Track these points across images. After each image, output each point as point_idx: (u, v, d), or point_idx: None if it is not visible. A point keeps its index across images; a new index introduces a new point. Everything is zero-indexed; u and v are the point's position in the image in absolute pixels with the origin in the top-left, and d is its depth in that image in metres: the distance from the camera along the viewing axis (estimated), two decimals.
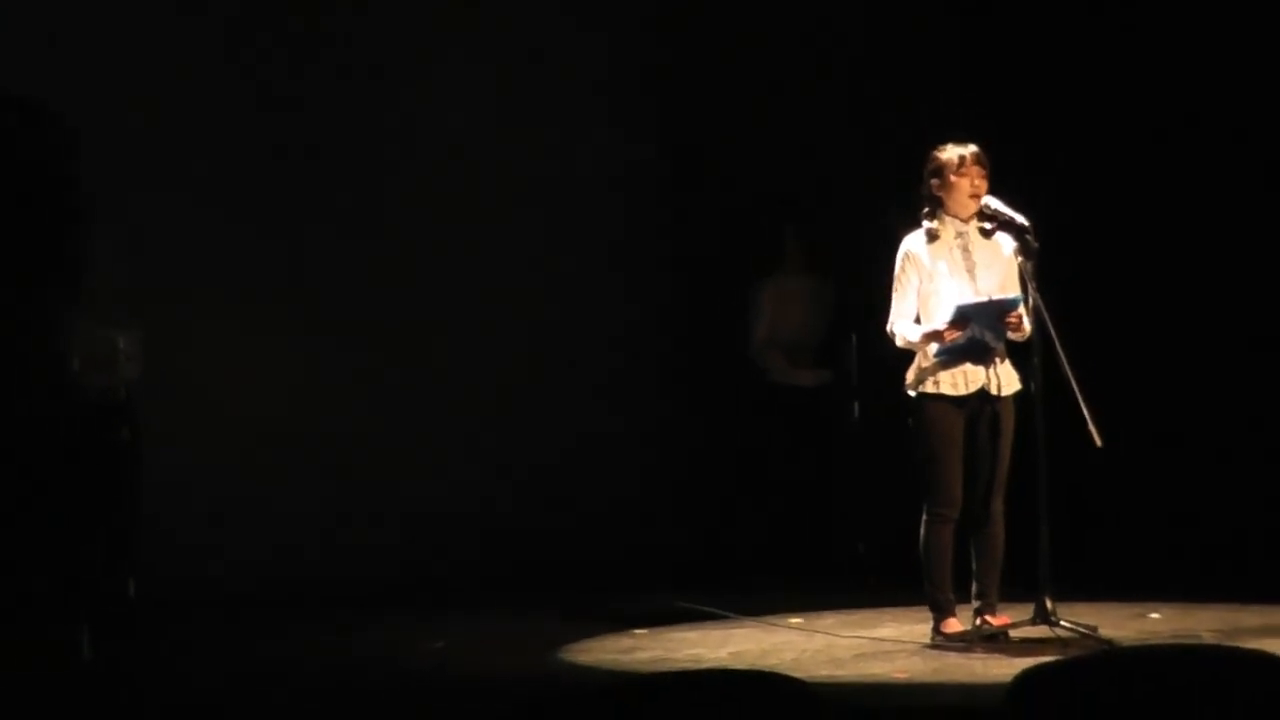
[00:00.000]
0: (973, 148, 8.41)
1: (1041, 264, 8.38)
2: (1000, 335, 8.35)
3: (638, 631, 9.18)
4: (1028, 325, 8.32)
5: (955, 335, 8.29)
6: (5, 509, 7.02)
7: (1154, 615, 9.10)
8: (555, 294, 11.46)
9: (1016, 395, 8.41)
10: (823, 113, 11.38)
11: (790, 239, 11.31)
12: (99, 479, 7.35)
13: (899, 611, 9.04)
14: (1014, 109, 10.80)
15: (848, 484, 10.90)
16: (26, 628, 7.05)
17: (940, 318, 8.33)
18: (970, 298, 8.33)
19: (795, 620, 9.32)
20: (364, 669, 8.61)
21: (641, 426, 11.51)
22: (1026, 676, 3.86)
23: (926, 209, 8.46)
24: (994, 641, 8.29)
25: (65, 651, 7.09)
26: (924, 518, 8.42)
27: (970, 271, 8.41)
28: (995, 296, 8.34)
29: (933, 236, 8.43)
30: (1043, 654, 7.77)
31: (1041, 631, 8.26)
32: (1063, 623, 8.27)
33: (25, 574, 7.04)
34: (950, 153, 8.42)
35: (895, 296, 8.45)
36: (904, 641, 8.55)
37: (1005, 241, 8.44)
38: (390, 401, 11.15)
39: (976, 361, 8.35)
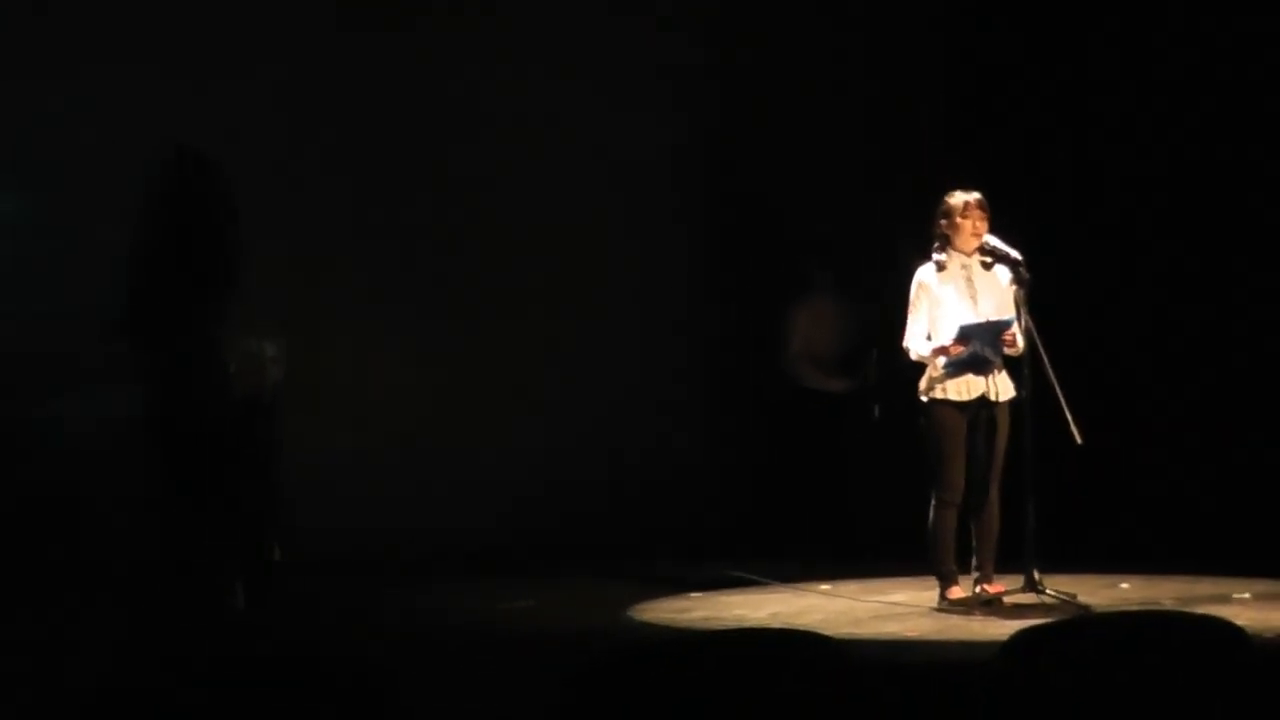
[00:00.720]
0: (976, 195, 8.44)
1: (1032, 292, 8.39)
2: (997, 351, 8.35)
3: (693, 595, 9.19)
4: (1020, 342, 8.32)
5: (959, 350, 8.31)
6: (181, 488, 7.09)
7: (1124, 585, 9.06)
8: (628, 313, 11.47)
9: (1011, 401, 8.40)
10: (850, 167, 11.37)
11: (821, 270, 11.29)
12: (249, 463, 7.40)
13: (910, 580, 8.99)
14: (1012, 160, 10.77)
15: (868, 474, 10.86)
16: (195, 583, 7.11)
17: (947, 336, 8.34)
18: (972, 319, 8.34)
19: (823, 587, 9.31)
20: (467, 622, 8.64)
21: (697, 426, 11.49)
22: (1019, 635, 3.87)
23: (937, 244, 8.47)
24: (990, 606, 8.28)
25: (223, 602, 7.14)
26: (932, 503, 8.42)
27: (973, 297, 8.41)
28: (993, 318, 8.34)
29: (941, 267, 8.44)
30: (1031, 617, 7.81)
31: (1029, 598, 8.27)
32: (1047, 591, 8.29)
33: (194, 539, 7.10)
34: (957, 199, 8.44)
35: (910, 317, 8.47)
36: (914, 605, 8.56)
37: (1002, 272, 8.44)
38: (485, 394, 11.18)
39: (977, 372, 8.36)
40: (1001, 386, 8.39)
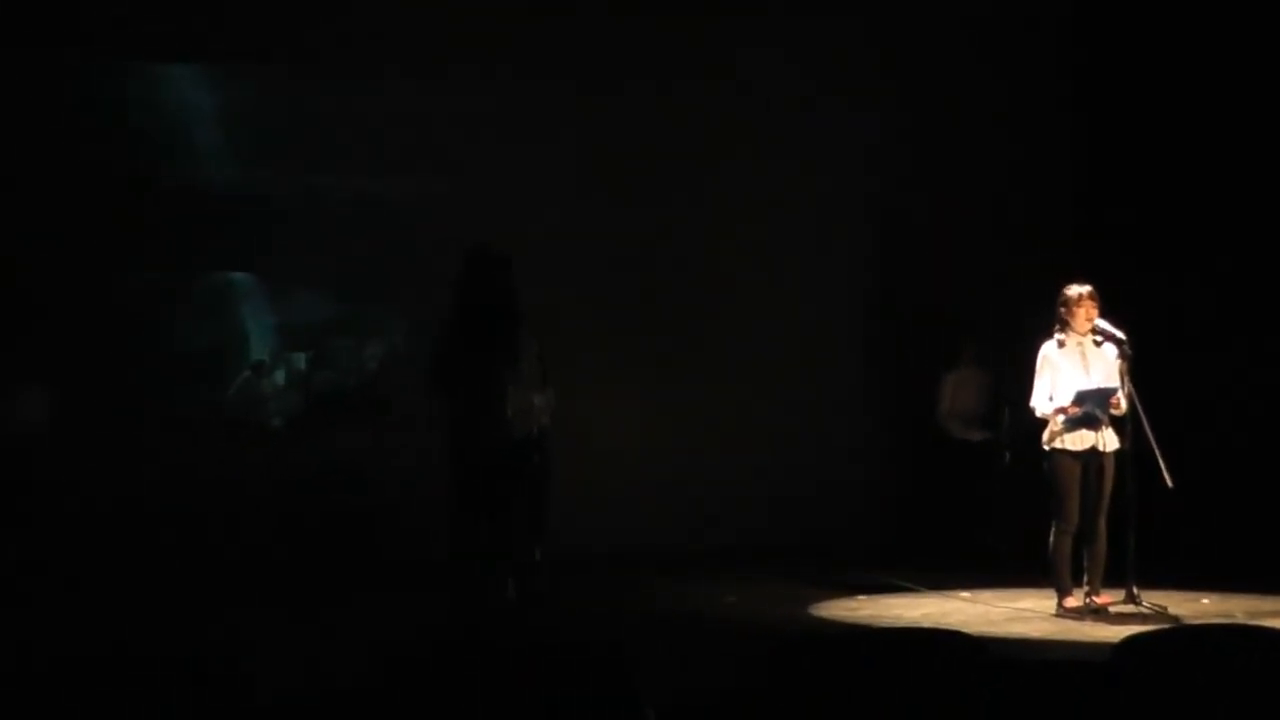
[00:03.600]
0: (1088, 287, 8.29)
1: (1133, 364, 8.18)
2: (1105, 411, 8.17)
3: (859, 597, 9.05)
4: (1124, 405, 8.13)
5: (1075, 411, 8.15)
6: (469, 503, 7.14)
7: (1204, 600, 8.75)
8: (816, 375, 11.45)
9: (1116, 451, 8.21)
10: (991, 264, 11.25)
11: (965, 345, 11.16)
12: (522, 485, 7.43)
13: (1034, 591, 8.77)
14: (1123, 257, 10.57)
15: (1002, 507, 10.65)
16: (477, 578, 7.15)
17: (1065, 398, 8.16)
18: (1086, 385, 8.17)
19: (964, 594, 9.14)
20: (687, 613, 8.60)
21: (871, 465, 11.39)
22: (1128, 640, 3.74)
23: (1058, 325, 8.31)
24: (1099, 614, 8.07)
25: (498, 593, 7.17)
26: (1052, 531, 8.24)
27: (1086, 368, 8.24)
28: (1102, 385, 8.16)
29: (1061, 344, 8.29)
30: (1130, 623, 7.65)
31: (1129, 608, 8.05)
32: (1144, 603, 8.07)
33: (478, 543, 7.14)
34: (1073, 291, 8.29)
35: (1036, 383, 8.31)
36: (1037, 611, 8.35)
37: (1109, 349, 8.25)
38: (701, 436, 11.19)
39: (1089, 428, 8.18)
40: (1109, 439, 8.20)
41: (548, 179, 11.06)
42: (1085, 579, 8.23)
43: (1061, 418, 8.19)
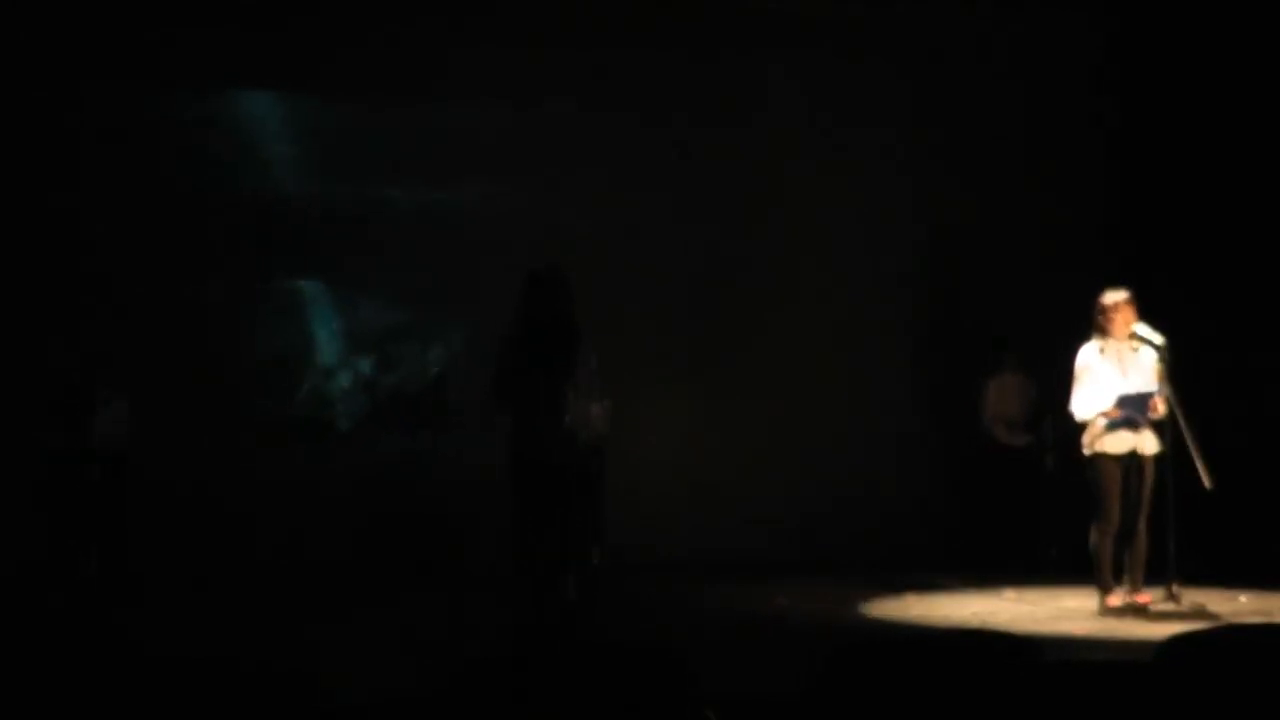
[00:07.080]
0: (1124, 294, 8.20)
1: (1172, 369, 8.08)
2: (1144, 415, 8.08)
3: (908, 597, 8.98)
4: (1162, 408, 8.04)
5: (1115, 414, 8.06)
6: (530, 509, 7.14)
7: (1242, 598, 8.64)
8: (866, 386, 11.40)
9: (1155, 455, 8.12)
10: (1031, 277, 11.18)
11: (1008, 353, 11.08)
12: (580, 491, 7.43)
13: (1077, 590, 8.68)
14: (1155, 274, 10.45)
15: (1045, 508, 10.56)
16: (540, 581, 7.15)
17: (1104, 403, 8.06)
18: (1125, 390, 8.07)
19: (1010, 593, 9.05)
20: (741, 614, 8.55)
21: (918, 471, 11.32)
22: (1177, 638, 3.67)
23: (1097, 332, 8.21)
24: (1140, 612, 7.98)
25: (560, 593, 7.16)
26: (1094, 531, 8.15)
27: (1125, 373, 8.15)
28: (1141, 390, 8.07)
29: (1101, 350, 8.19)
30: (1171, 621, 7.55)
31: (1169, 606, 7.97)
32: (1183, 601, 8.02)
33: (539, 546, 7.13)
34: (1109, 298, 8.21)
35: (1076, 388, 8.22)
36: (1081, 610, 8.26)
37: (1147, 353, 8.16)
38: (755, 445, 11.14)
39: (1129, 431, 8.08)
40: (1148, 443, 8.11)
41: (602, 193, 11.08)
42: (1126, 577, 8.14)
43: (1103, 421, 8.10)
